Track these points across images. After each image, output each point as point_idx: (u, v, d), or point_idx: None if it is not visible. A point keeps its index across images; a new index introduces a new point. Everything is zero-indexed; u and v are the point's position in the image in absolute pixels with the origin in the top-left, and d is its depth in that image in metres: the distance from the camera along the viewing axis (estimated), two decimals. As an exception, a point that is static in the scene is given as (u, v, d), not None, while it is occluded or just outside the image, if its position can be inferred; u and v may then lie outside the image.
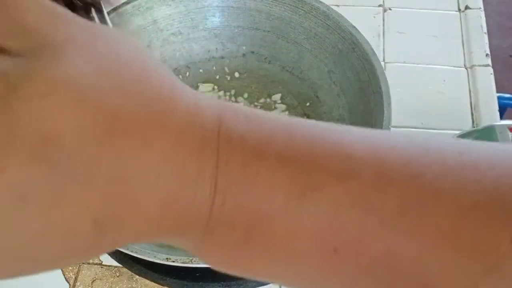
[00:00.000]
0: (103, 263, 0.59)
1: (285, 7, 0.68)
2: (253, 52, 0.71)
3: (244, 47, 0.71)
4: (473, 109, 0.71)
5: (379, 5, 0.84)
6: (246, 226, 0.21)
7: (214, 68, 0.72)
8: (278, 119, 0.22)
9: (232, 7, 0.70)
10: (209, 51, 0.72)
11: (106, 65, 0.19)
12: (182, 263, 0.47)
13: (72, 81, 0.18)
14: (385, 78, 0.58)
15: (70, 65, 0.18)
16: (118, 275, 0.58)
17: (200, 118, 0.20)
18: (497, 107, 0.71)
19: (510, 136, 0.54)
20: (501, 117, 0.76)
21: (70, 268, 0.59)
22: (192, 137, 0.20)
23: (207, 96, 0.22)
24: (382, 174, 0.21)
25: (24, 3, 0.19)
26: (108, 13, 0.53)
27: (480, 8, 0.83)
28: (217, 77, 0.71)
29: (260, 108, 0.68)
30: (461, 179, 0.20)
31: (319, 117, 0.66)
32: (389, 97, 0.57)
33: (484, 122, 0.69)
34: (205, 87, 0.70)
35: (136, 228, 0.20)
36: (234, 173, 0.20)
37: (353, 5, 0.83)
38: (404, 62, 0.77)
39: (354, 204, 0.20)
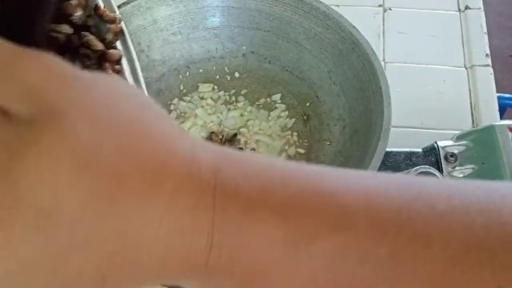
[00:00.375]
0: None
1: (285, 7, 0.68)
2: (253, 52, 0.71)
3: (244, 47, 0.71)
4: (473, 109, 0.72)
5: (379, 5, 0.84)
6: (243, 276, 0.21)
7: (214, 68, 0.72)
8: (274, 167, 0.22)
9: (232, 7, 0.70)
10: (209, 51, 0.72)
11: (107, 130, 0.20)
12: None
13: (71, 152, 0.19)
14: (385, 78, 0.58)
15: (71, 135, 0.19)
16: (118, 275, 0.58)
17: (197, 171, 0.21)
18: (497, 107, 0.71)
19: (510, 136, 0.54)
20: (501, 117, 0.76)
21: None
22: (188, 193, 0.20)
23: (204, 144, 0.22)
24: (375, 223, 0.21)
25: (29, 64, 0.20)
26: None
27: (480, 8, 0.83)
28: (217, 77, 0.71)
29: (260, 107, 0.68)
30: (451, 224, 0.21)
31: (319, 117, 0.66)
32: (389, 97, 0.57)
33: (484, 122, 0.69)
34: (205, 87, 0.70)
35: (136, 279, 0.21)
36: (230, 227, 0.21)
37: (353, 5, 0.83)
38: (404, 62, 0.77)
39: (348, 254, 0.21)
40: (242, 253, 0.21)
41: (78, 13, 0.42)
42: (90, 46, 0.40)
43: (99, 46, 0.41)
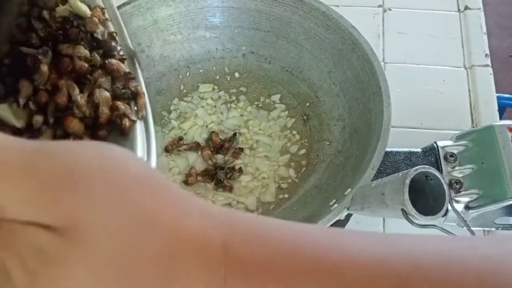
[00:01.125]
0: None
1: (285, 7, 0.68)
2: (253, 52, 0.72)
3: (244, 47, 0.72)
4: (473, 109, 0.72)
5: (379, 5, 0.84)
6: None
7: (214, 68, 0.72)
8: (281, 236, 0.25)
9: (232, 7, 0.70)
10: (209, 51, 0.72)
11: (120, 232, 0.22)
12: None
13: (92, 262, 0.21)
14: (385, 78, 0.58)
15: (90, 248, 0.21)
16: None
17: (207, 251, 0.23)
18: (496, 107, 0.71)
19: (509, 136, 0.54)
20: (501, 117, 0.76)
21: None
22: (200, 272, 0.23)
23: (212, 214, 0.24)
24: None
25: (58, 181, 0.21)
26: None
27: (479, 8, 0.83)
28: (217, 77, 0.71)
29: (260, 107, 0.68)
30: None
31: (319, 117, 0.66)
32: (388, 97, 0.57)
33: (484, 122, 0.69)
34: (205, 87, 0.70)
35: None
36: None
37: (353, 5, 0.83)
38: (404, 62, 0.77)
39: None
40: None
41: (100, 29, 0.44)
42: (115, 71, 0.43)
43: (124, 68, 0.44)
